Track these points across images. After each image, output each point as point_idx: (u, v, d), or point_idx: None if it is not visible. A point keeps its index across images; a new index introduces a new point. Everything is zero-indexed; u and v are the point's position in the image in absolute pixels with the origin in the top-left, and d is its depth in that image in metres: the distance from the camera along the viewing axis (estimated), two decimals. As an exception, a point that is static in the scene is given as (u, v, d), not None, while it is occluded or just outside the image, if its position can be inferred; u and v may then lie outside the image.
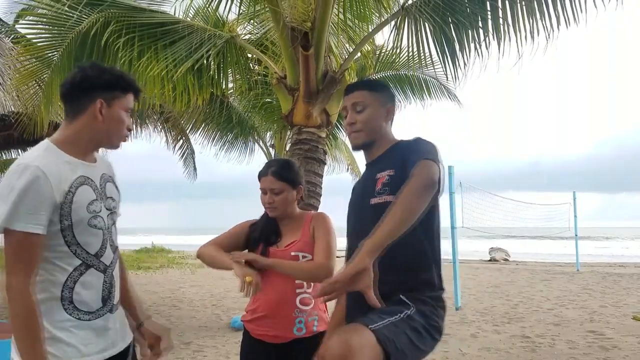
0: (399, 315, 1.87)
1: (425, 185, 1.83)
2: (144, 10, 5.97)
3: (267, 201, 2.56)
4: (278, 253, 2.52)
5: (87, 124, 1.85)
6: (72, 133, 1.86)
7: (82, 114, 1.85)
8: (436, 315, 1.99)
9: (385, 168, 2.09)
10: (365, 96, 2.20)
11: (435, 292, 2.03)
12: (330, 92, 5.65)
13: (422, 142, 2.07)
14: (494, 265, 20.49)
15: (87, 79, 1.85)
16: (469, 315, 8.76)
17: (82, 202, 1.79)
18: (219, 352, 6.28)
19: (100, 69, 1.89)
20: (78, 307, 1.79)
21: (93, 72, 1.87)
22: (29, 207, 1.67)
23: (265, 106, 10.05)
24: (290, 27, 5.40)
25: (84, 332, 1.79)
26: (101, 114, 1.84)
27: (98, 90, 1.84)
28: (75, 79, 1.86)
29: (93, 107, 1.84)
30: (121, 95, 1.89)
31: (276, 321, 2.46)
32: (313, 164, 5.53)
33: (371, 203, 2.07)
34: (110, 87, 1.86)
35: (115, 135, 1.91)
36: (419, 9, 5.33)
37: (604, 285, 12.96)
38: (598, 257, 26.44)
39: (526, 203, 19.28)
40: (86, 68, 1.89)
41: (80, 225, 1.78)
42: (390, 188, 2.02)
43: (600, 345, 6.55)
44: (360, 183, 2.27)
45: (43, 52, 5.78)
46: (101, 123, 1.85)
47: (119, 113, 1.88)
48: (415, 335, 1.86)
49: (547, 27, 4.92)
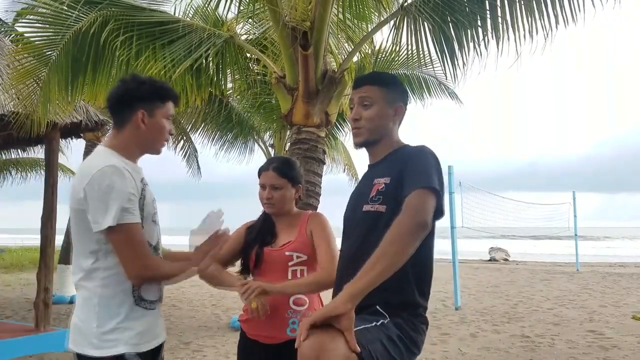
0: (373, 323, 1.82)
1: (416, 228, 1.76)
2: (142, 9, 5.95)
3: (265, 196, 2.55)
4: (273, 253, 2.51)
5: (132, 133, 2.02)
6: (122, 141, 2.03)
7: (127, 124, 2.02)
8: (413, 330, 1.90)
9: (383, 174, 2.01)
10: (373, 92, 2.09)
11: (415, 311, 1.94)
12: (330, 91, 5.64)
13: (423, 157, 1.96)
14: (493, 265, 20.50)
15: (128, 92, 2.03)
16: (468, 315, 8.75)
17: (149, 199, 2.01)
18: (218, 351, 6.27)
19: (140, 81, 2.06)
20: (143, 297, 1.97)
21: (133, 85, 2.04)
22: (127, 201, 1.87)
23: (264, 106, 10.03)
24: (289, 26, 5.39)
25: (146, 319, 1.98)
26: (144, 123, 2.01)
27: (139, 102, 2.01)
28: (118, 92, 2.04)
29: (136, 118, 2.00)
30: (161, 104, 2.05)
31: (270, 322, 2.42)
32: (312, 163, 5.52)
33: (363, 210, 2.01)
34: (149, 97, 2.03)
35: (157, 141, 2.08)
36: (418, 8, 5.32)
37: (604, 285, 12.97)
38: (598, 257, 26.44)
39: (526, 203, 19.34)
40: (127, 81, 2.06)
41: (148, 219, 1.99)
42: (384, 197, 1.96)
43: (600, 345, 6.54)
44: (360, 183, 2.20)
45: (41, 51, 5.76)
46: (144, 132, 2.02)
47: (160, 121, 2.05)
48: (392, 345, 1.79)
49: (545, 26, 4.92)
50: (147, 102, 2.02)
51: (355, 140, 2.14)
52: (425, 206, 1.80)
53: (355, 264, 1.89)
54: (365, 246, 1.95)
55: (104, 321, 1.89)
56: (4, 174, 14.19)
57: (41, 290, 6.45)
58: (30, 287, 11.26)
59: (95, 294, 1.91)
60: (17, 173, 14.17)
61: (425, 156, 1.96)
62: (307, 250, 2.50)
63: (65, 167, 14.05)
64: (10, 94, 5.94)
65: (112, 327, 1.89)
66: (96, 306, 1.90)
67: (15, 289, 12.23)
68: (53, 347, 6.19)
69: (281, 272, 2.49)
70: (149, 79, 2.09)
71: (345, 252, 2.11)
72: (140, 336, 1.94)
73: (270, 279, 2.46)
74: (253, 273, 2.57)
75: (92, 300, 1.91)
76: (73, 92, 5.91)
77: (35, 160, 13.56)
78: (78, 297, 1.99)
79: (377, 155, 2.13)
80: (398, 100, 2.12)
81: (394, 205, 1.90)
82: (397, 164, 1.98)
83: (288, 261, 2.48)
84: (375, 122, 2.08)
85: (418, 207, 1.79)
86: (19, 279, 14.03)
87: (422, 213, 1.78)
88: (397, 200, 1.88)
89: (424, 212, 1.79)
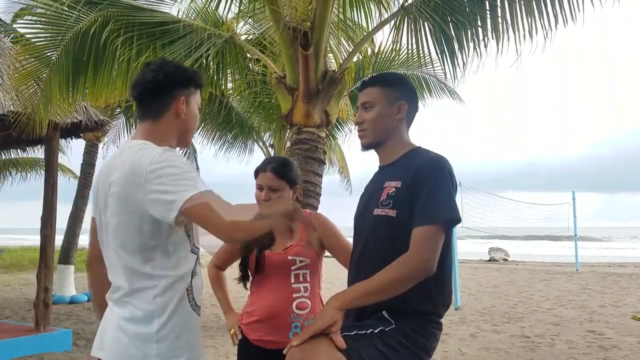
0: (370, 330, 1.82)
1: (418, 273, 1.80)
2: (143, 10, 5.96)
3: (262, 198, 2.48)
4: (274, 257, 2.46)
5: (171, 123, 1.83)
6: (159, 131, 1.82)
7: (166, 111, 1.82)
8: (424, 336, 1.87)
9: (394, 177, 1.97)
10: (374, 93, 2.07)
11: (427, 317, 1.91)
12: (330, 91, 5.65)
13: (435, 178, 1.89)
14: (493, 265, 20.49)
15: (168, 77, 1.82)
16: (468, 315, 8.75)
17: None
18: (218, 352, 6.27)
19: (175, 65, 1.88)
20: (196, 302, 1.80)
21: (170, 69, 1.84)
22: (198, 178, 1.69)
23: (264, 106, 10.03)
24: (289, 26, 5.40)
25: (198, 328, 1.81)
26: (184, 111, 1.84)
27: (179, 87, 1.83)
28: (156, 77, 1.81)
29: (176, 105, 1.82)
30: (195, 91, 1.89)
31: (272, 326, 2.41)
32: (313, 163, 5.53)
33: (374, 214, 1.99)
34: (187, 83, 1.85)
35: (191, 132, 1.92)
36: (418, 8, 5.33)
37: (604, 285, 12.97)
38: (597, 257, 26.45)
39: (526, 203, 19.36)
40: (165, 65, 1.85)
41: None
42: (394, 202, 1.93)
43: (600, 345, 6.55)
44: (370, 184, 2.16)
45: (42, 52, 5.77)
46: (182, 120, 1.85)
47: (195, 109, 1.89)
48: (390, 350, 1.78)
49: (545, 26, 4.93)
50: (186, 88, 1.85)
51: (362, 143, 2.12)
52: (432, 247, 1.83)
53: (363, 268, 1.95)
54: (374, 251, 1.98)
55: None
56: (4, 174, 14.20)
57: (41, 290, 6.44)
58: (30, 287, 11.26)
59: (150, 312, 1.70)
60: (17, 173, 14.18)
61: (438, 178, 1.90)
62: (309, 254, 2.47)
63: (65, 167, 14.06)
64: (11, 95, 5.94)
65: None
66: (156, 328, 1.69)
67: (15, 289, 12.22)
68: (53, 347, 6.19)
69: (283, 276, 2.46)
70: (181, 65, 1.93)
71: (355, 254, 2.11)
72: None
73: (272, 283, 2.45)
74: (254, 278, 2.53)
75: (150, 321, 1.70)
76: (74, 93, 5.92)
77: (35, 160, 13.56)
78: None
79: (387, 156, 2.10)
80: (401, 98, 2.07)
81: (404, 210, 1.89)
82: (410, 170, 1.94)
83: (291, 265, 2.45)
84: (378, 122, 2.06)
85: (424, 248, 1.82)
86: (19, 279, 14.03)
87: (428, 257, 1.81)
88: (407, 206, 1.89)
89: (429, 255, 1.81)
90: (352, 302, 1.82)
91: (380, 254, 1.92)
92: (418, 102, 2.20)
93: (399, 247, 1.84)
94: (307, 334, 1.74)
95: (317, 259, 2.51)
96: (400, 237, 1.87)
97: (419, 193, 1.87)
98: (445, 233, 1.88)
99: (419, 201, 1.87)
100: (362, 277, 1.89)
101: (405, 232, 1.86)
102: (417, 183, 1.89)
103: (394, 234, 1.90)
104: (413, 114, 2.14)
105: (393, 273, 1.80)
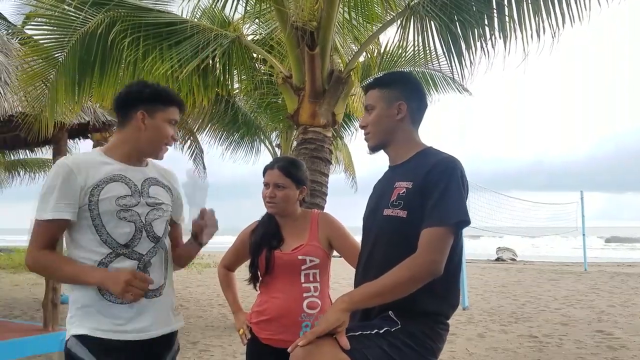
0: (375, 330, 1.82)
1: (426, 274, 1.81)
2: (150, 10, 5.98)
3: (268, 195, 2.50)
4: (284, 257, 2.47)
5: (131, 133, 2.10)
6: (118, 140, 2.12)
7: (127, 124, 2.10)
8: (430, 337, 1.87)
9: (405, 178, 1.96)
10: (374, 95, 2.08)
11: (434, 317, 1.91)
12: (336, 91, 5.65)
13: (447, 180, 1.88)
14: (501, 265, 20.41)
15: (131, 94, 2.11)
16: (476, 315, 8.73)
17: (110, 195, 1.99)
18: (225, 351, 6.29)
19: (144, 84, 2.15)
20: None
21: (136, 88, 2.13)
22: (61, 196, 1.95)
23: (270, 106, 10.05)
24: (296, 26, 5.40)
25: (116, 310, 2.00)
26: (144, 124, 2.07)
27: (140, 103, 2.08)
28: (121, 94, 2.14)
29: (136, 118, 2.07)
30: (162, 107, 2.11)
31: (282, 325, 2.42)
32: (319, 163, 5.53)
33: (384, 214, 1.98)
34: (151, 100, 2.09)
35: (157, 144, 2.12)
36: (425, 7, 5.31)
37: (612, 284, 12.89)
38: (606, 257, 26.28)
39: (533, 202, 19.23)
40: (132, 84, 2.17)
41: (107, 215, 1.98)
42: (405, 202, 1.92)
43: (608, 345, 6.51)
44: (380, 184, 2.15)
45: (49, 53, 5.80)
46: (144, 132, 2.08)
47: (160, 123, 2.10)
48: (395, 351, 1.78)
49: (552, 25, 4.90)
50: (149, 104, 2.08)
51: (367, 146, 2.13)
52: (440, 249, 1.83)
53: (372, 268, 1.95)
54: (383, 251, 1.97)
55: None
56: (13, 174, 14.29)
57: (49, 290, 6.47)
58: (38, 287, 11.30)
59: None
60: (26, 173, 14.28)
61: (449, 180, 1.89)
62: (319, 254, 2.48)
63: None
64: (19, 96, 5.96)
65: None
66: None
67: (23, 289, 12.29)
68: (61, 347, 6.20)
69: (294, 276, 2.47)
70: (152, 84, 2.17)
71: (363, 254, 2.10)
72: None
73: (282, 282, 2.46)
74: (264, 278, 2.53)
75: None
76: (81, 94, 5.93)
77: (43, 161, 13.63)
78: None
79: (396, 157, 2.10)
80: (399, 98, 2.05)
81: (415, 212, 1.89)
82: (421, 171, 1.93)
83: (301, 265, 2.45)
84: (378, 124, 2.06)
85: (432, 249, 1.82)
86: (28, 279, 14.09)
87: (436, 259, 1.82)
88: (419, 207, 1.88)
89: (437, 257, 1.82)
90: (359, 303, 1.83)
91: (389, 254, 1.91)
92: (424, 100, 2.16)
93: (408, 248, 1.84)
94: (313, 335, 1.73)
95: (326, 258, 2.52)
96: (410, 238, 1.86)
97: (430, 194, 1.87)
98: (455, 235, 1.87)
99: (429, 202, 1.86)
100: (370, 277, 1.89)
101: (415, 234, 1.85)
102: (428, 184, 1.88)
103: (404, 234, 1.90)
104: (419, 112, 2.12)
105: (400, 274, 1.80)
